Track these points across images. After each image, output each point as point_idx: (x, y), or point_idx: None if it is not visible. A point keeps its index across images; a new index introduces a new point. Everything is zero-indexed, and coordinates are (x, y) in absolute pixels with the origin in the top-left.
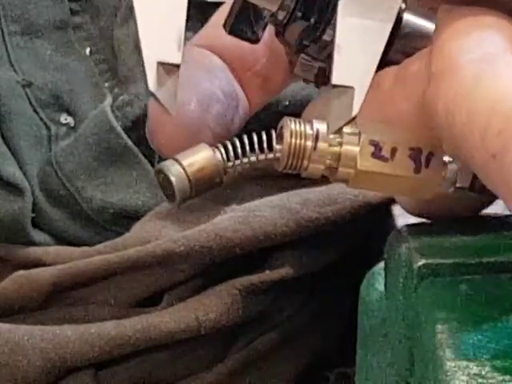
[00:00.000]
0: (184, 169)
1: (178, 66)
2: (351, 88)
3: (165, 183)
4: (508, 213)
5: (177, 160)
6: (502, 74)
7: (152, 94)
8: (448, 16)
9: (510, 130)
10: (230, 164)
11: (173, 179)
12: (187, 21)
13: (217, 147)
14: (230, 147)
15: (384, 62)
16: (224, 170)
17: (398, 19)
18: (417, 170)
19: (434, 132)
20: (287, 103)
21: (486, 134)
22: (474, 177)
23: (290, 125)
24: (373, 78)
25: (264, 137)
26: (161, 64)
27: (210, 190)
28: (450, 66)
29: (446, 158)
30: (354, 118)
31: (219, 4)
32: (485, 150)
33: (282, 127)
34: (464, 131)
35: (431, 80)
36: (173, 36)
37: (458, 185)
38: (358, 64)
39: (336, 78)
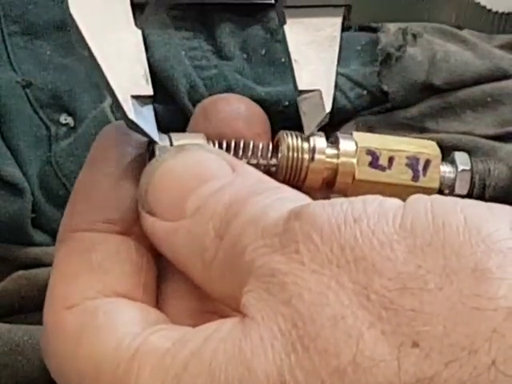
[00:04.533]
0: (171, 145)
1: (150, 97)
2: (318, 91)
3: (151, 154)
4: None
5: (169, 137)
6: (102, 331)
7: (134, 124)
8: (63, 252)
9: (133, 370)
10: None
11: (157, 152)
12: (148, 57)
13: (213, 142)
14: (224, 146)
15: None
16: None
17: None
18: (415, 178)
19: None
20: (287, 103)
21: None
22: (472, 184)
23: (287, 139)
24: None
25: (260, 145)
26: (135, 97)
27: None
28: (54, 319)
29: (443, 167)
30: (327, 115)
31: (219, 4)
32: None
33: (277, 140)
34: None
35: None
36: (140, 72)
37: (456, 192)
38: (317, 69)
39: (301, 85)
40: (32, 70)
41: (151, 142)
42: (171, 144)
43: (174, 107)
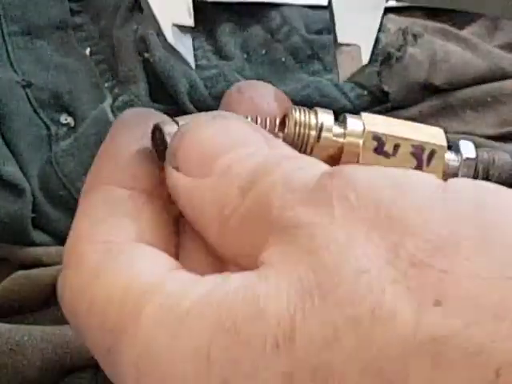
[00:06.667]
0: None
1: (192, 28)
2: (356, 46)
3: (158, 140)
4: None
5: (176, 121)
6: (121, 267)
7: (172, 48)
8: (89, 199)
9: (120, 326)
10: None
11: (167, 137)
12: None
13: None
14: None
15: None
16: None
17: None
18: (418, 168)
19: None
20: None
21: (103, 329)
22: (476, 174)
23: (295, 114)
24: None
25: (268, 122)
26: (176, 26)
27: None
28: (76, 252)
29: (447, 155)
30: (364, 67)
31: (219, 4)
32: (102, 345)
33: (285, 115)
34: (84, 323)
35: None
36: (184, 7)
37: None
38: (359, 26)
39: (340, 37)
40: (32, 70)
41: (157, 130)
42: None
43: (174, 107)
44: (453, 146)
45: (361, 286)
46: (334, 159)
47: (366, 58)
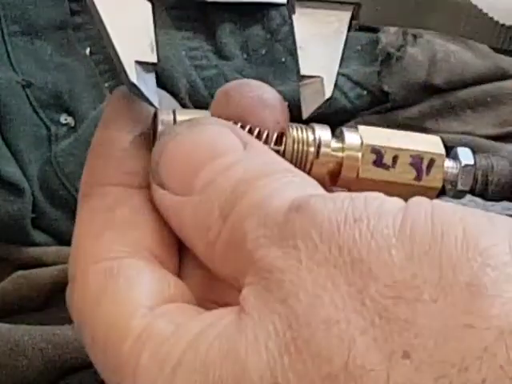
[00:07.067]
0: (175, 121)
1: (154, 65)
2: (319, 78)
3: (154, 129)
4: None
5: (173, 112)
6: (120, 291)
7: (134, 86)
8: (86, 208)
9: (120, 374)
10: None
11: (160, 126)
12: (155, 27)
13: None
14: None
15: None
16: None
17: None
18: (418, 178)
19: None
20: (287, 103)
21: (106, 368)
22: (475, 180)
23: (292, 132)
24: None
25: (266, 132)
26: (138, 63)
27: None
28: (79, 271)
29: (446, 163)
30: (327, 101)
31: (219, 4)
32: (109, 376)
33: (282, 132)
34: (89, 346)
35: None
36: (146, 42)
37: (458, 188)
38: (321, 57)
39: (303, 70)
40: (32, 70)
41: (156, 116)
42: (175, 118)
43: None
44: (451, 154)
45: (332, 339)
46: (333, 174)
47: (329, 91)
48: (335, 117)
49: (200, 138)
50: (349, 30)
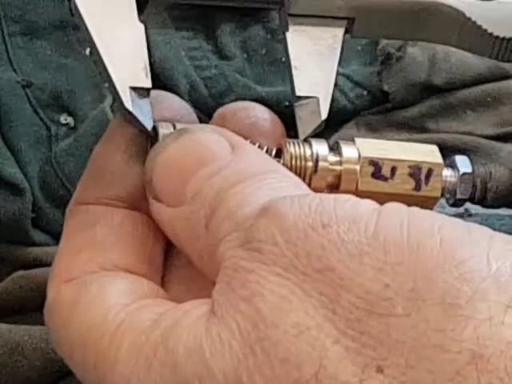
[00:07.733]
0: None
1: (149, 90)
2: (315, 98)
3: (154, 140)
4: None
5: (173, 124)
6: (93, 297)
7: (130, 114)
8: (69, 224)
9: (114, 345)
10: None
11: (160, 137)
12: (149, 53)
13: None
14: None
15: None
16: None
17: None
18: (417, 188)
19: None
20: (287, 103)
21: (85, 356)
22: (474, 188)
23: (290, 147)
24: None
25: (264, 149)
26: (133, 89)
27: None
28: (55, 287)
29: (444, 172)
30: (323, 122)
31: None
32: (90, 377)
33: (279, 147)
34: (68, 354)
35: None
36: (140, 66)
37: (458, 197)
38: (316, 77)
39: (299, 91)
40: (32, 70)
41: (156, 130)
42: None
43: None
44: (448, 162)
45: (302, 344)
46: (333, 187)
47: (325, 112)
48: (335, 117)
49: (188, 147)
50: (342, 45)
